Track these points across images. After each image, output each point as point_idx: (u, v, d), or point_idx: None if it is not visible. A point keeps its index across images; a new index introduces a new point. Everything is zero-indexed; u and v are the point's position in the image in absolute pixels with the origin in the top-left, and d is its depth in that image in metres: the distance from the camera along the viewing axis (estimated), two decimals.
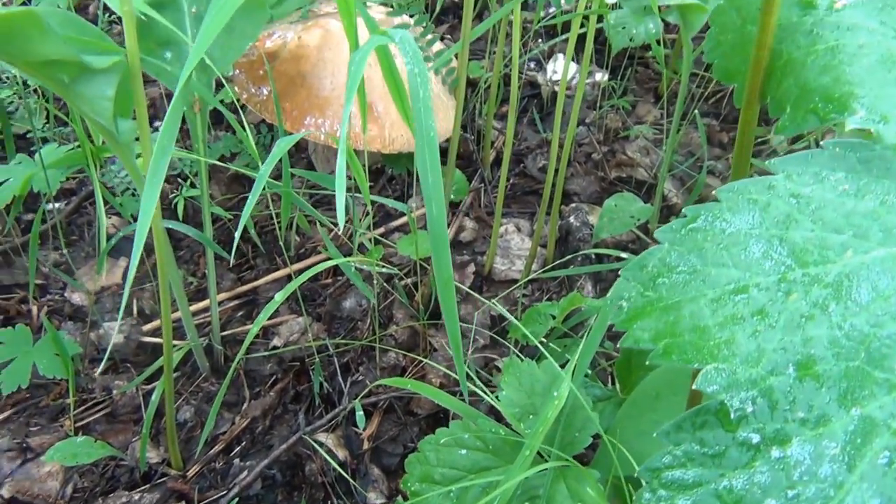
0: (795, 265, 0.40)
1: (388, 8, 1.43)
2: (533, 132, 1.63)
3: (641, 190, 1.50)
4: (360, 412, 1.01)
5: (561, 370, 0.83)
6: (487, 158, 1.51)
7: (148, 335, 1.25)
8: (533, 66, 1.79)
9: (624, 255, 1.16)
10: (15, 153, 1.31)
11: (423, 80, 0.60)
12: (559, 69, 1.74)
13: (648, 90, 1.73)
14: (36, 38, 0.74)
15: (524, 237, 1.40)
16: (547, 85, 1.71)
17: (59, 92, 0.84)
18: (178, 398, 1.17)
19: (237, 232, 0.74)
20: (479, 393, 0.91)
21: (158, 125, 1.53)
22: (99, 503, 1.03)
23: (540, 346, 0.88)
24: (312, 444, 1.08)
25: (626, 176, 1.52)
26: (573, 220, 1.39)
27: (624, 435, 0.81)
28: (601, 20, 1.58)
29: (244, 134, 0.98)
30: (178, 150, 1.41)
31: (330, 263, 0.98)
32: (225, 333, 1.25)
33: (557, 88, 1.69)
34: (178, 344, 1.18)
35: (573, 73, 1.70)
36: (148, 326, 1.26)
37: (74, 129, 1.06)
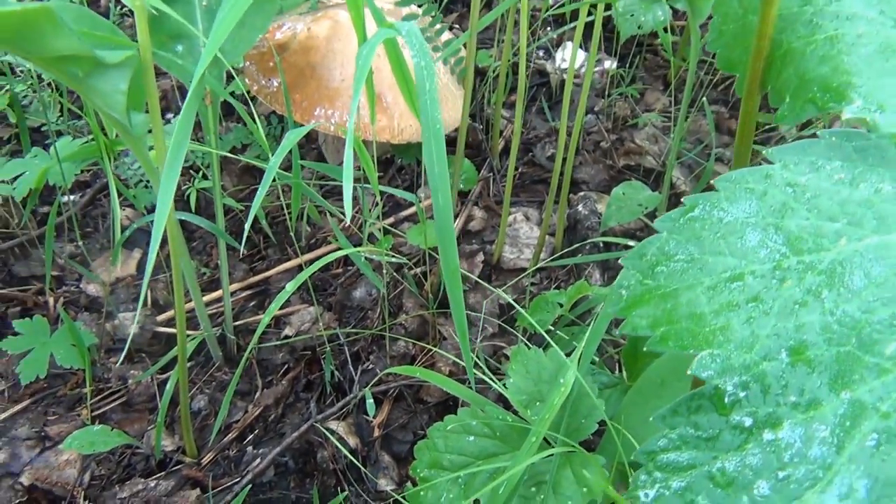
0: (790, 253, 0.41)
1: None
2: (542, 121, 1.63)
3: (650, 178, 1.51)
4: (370, 400, 1.02)
5: (567, 358, 0.84)
6: (496, 147, 1.52)
7: (162, 325, 1.27)
8: (542, 54, 1.80)
9: (632, 243, 1.16)
10: (30, 146, 1.33)
11: (429, 72, 0.61)
12: (568, 57, 1.74)
13: (657, 78, 1.73)
14: (50, 33, 0.75)
15: (533, 226, 1.41)
16: (556, 73, 1.72)
17: (72, 86, 0.86)
18: (192, 387, 1.19)
19: (247, 223, 0.76)
20: (487, 381, 0.92)
21: (170, 117, 1.55)
22: (115, 490, 1.05)
23: (546, 335, 0.89)
24: (324, 431, 1.09)
25: (634, 164, 1.53)
26: (581, 208, 1.39)
27: (629, 421, 0.82)
28: (609, 8, 1.58)
29: (254, 126, 0.99)
30: (190, 142, 1.42)
31: (340, 253, 0.99)
32: (238, 323, 1.26)
33: (566, 76, 1.69)
34: (191, 334, 1.19)
35: (581, 60, 1.70)
36: (162, 317, 1.28)
37: (88, 122, 1.08)
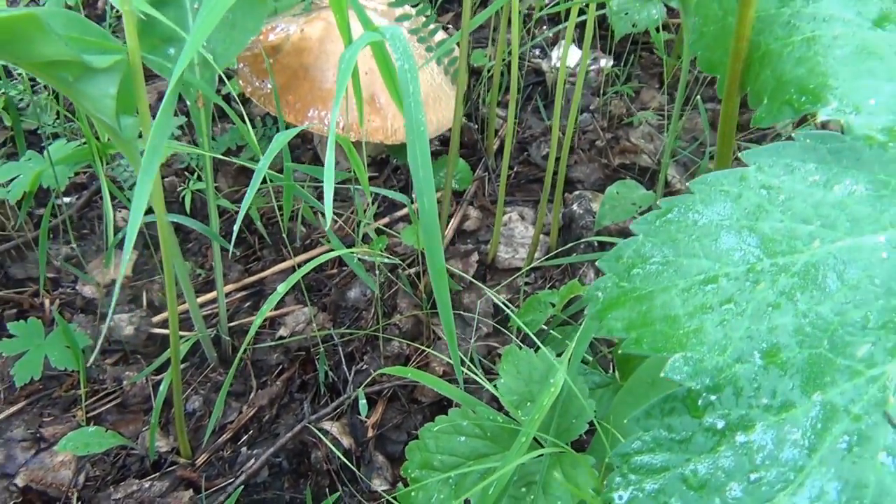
0: (764, 255, 0.41)
1: None
2: (537, 120, 1.63)
3: (645, 176, 1.51)
4: (363, 400, 1.03)
5: (557, 358, 0.85)
6: (491, 147, 1.52)
7: (157, 327, 1.27)
8: (538, 53, 1.80)
9: None
10: (26, 149, 1.34)
11: (412, 75, 0.61)
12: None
13: (653, 76, 1.73)
14: (38, 39, 0.75)
15: (528, 225, 1.41)
16: (551, 72, 1.72)
17: (63, 90, 0.86)
18: (186, 388, 1.19)
19: (236, 224, 0.76)
20: (480, 381, 0.92)
21: None
22: (110, 491, 1.05)
23: (534, 336, 0.89)
24: (317, 432, 1.10)
25: (629, 163, 1.53)
26: (576, 207, 1.39)
27: (618, 421, 0.82)
28: (603, 7, 1.58)
29: (245, 128, 0.99)
30: (183, 144, 1.43)
31: (333, 254, 1.00)
32: (232, 324, 1.27)
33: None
34: (185, 335, 1.20)
35: (577, 59, 1.70)
36: (157, 318, 1.28)
37: (80, 125, 1.08)
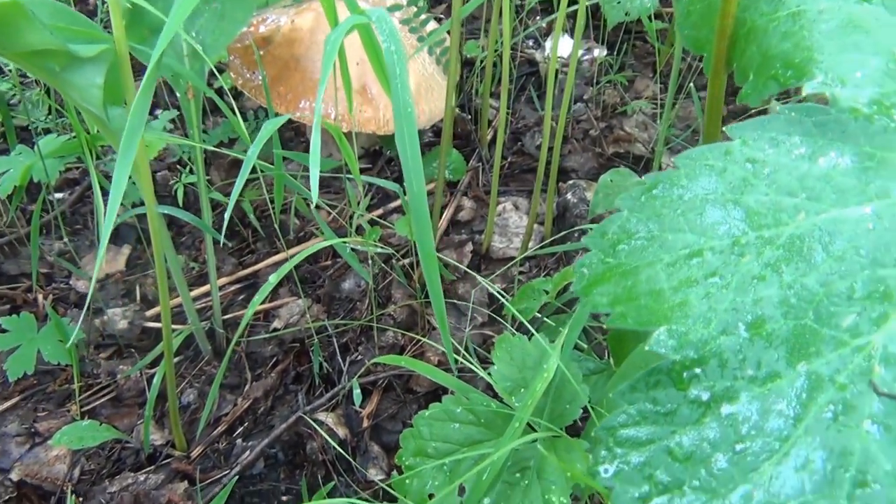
0: (749, 228, 0.41)
1: None
2: (531, 110, 1.63)
3: (639, 165, 1.50)
4: (357, 390, 1.02)
5: (551, 344, 0.84)
6: (485, 137, 1.52)
7: (151, 320, 1.27)
8: (531, 44, 1.79)
9: None
10: (16, 145, 1.33)
11: (399, 57, 0.61)
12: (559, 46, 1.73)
13: (647, 65, 1.73)
14: (23, 28, 0.75)
15: (522, 215, 1.41)
16: (545, 63, 1.71)
17: (49, 81, 0.86)
18: (181, 382, 1.19)
19: (227, 212, 0.76)
20: (474, 369, 0.92)
21: (158, 113, 1.55)
22: (105, 485, 1.05)
23: (527, 323, 0.89)
24: (313, 423, 1.09)
25: (623, 151, 1.52)
26: (570, 196, 1.39)
27: (612, 406, 0.82)
28: None
29: (234, 119, 0.99)
30: (175, 136, 1.42)
31: (325, 244, 0.99)
32: (227, 317, 1.26)
33: (556, 65, 1.68)
34: (179, 328, 1.20)
35: (570, 49, 1.69)
36: (151, 312, 1.28)
37: (69, 118, 1.08)
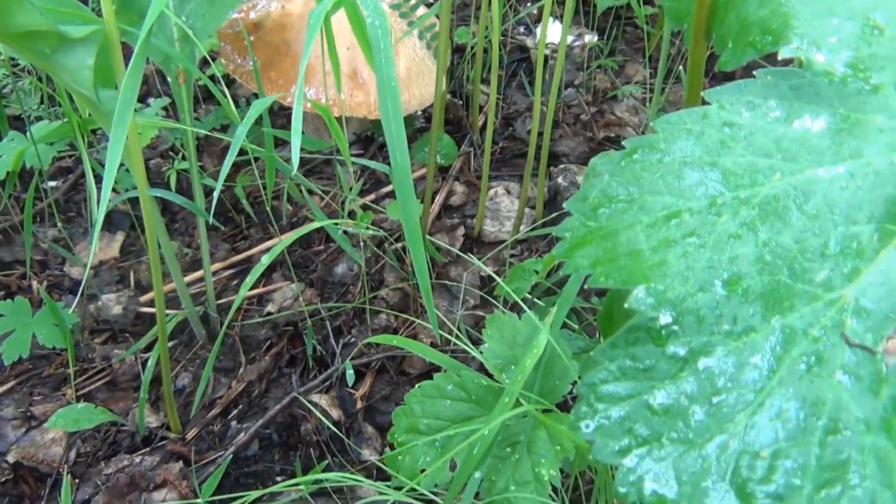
0: (726, 189, 0.42)
1: None
2: (522, 96, 1.63)
3: None
4: (350, 370, 1.03)
5: (540, 322, 0.85)
6: (476, 123, 1.53)
7: (145, 306, 1.27)
8: (522, 30, 1.80)
9: None
10: (9, 132, 1.34)
11: (383, 31, 0.62)
12: (549, 32, 1.74)
13: (637, 50, 1.73)
14: (13, 9, 0.76)
15: (514, 199, 1.42)
16: (535, 49, 1.72)
17: (40, 64, 0.86)
18: (176, 365, 1.19)
19: (216, 191, 0.76)
20: (468, 350, 0.93)
21: (150, 101, 1.55)
22: (101, 466, 1.06)
23: (520, 301, 0.90)
24: (307, 404, 1.10)
25: (614, 136, 1.53)
26: (561, 180, 1.40)
27: (593, 364, 0.82)
28: None
29: (226, 103, 1.00)
30: (168, 122, 1.43)
31: (315, 225, 1.00)
32: (221, 302, 1.27)
33: (546, 51, 1.69)
34: (174, 313, 1.20)
35: (560, 34, 1.70)
36: (145, 297, 1.28)
37: (61, 102, 1.08)
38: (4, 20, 0.75)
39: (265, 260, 0.95)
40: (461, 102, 1.57)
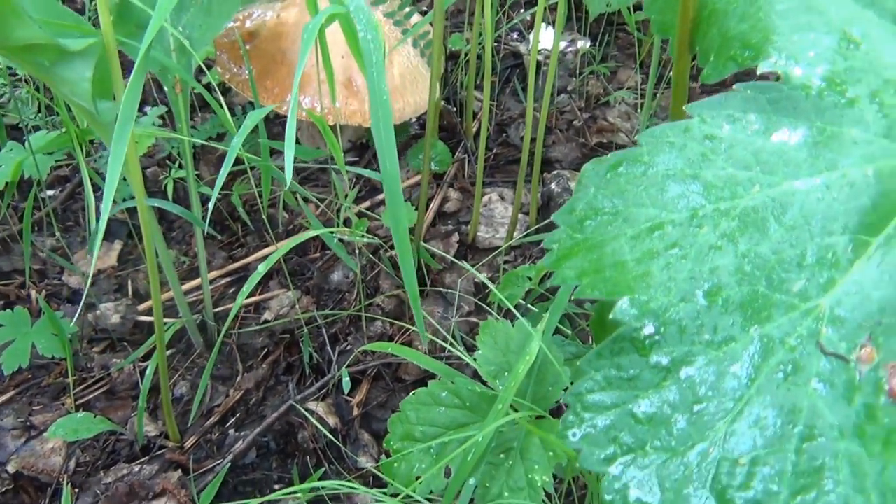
0: (707, 201, 0.43)
1: None
2: (515, 102, 1.65)
3: None
4: (346, 378, 1.04)
5: (533, 328, 0.86)
6: (470, 129, 1.54)
7: (143, 314, 1.28)
8: (516, 36, 1.81)
9: None
10: (6, 142, 1.35)
11: (376, 45, 0.63)
12: (542, 39, 1.75)
13: (630, 56, 1.75)
14: (13, 23, 0.77)
15: (508, 205, 1.43)
16: (529, 55, 1.73)
17: (40, 76, 0.87)
18: (174, 374, 1.20)
19: (212, 199, 0.77)
20: (462, 357, 0.94)
21: (147, 110, 1.56)
22: (101, 476, 1.07)
23: (513, 308, 0.91)
24: (304, 412, 1.11)
25: (606, 141, 1.54)
26: (554, 186, 1.41)
27: (580, 374, 0.83)
28: None
29: (222, 112, 1.01)
30: (164, 131, 1.44)
31: (313, 233, 1.01)
32: (218, 310, 1.28)
33: (540, 58, 1.70)
34: (171, 322, 1.21)
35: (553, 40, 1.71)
36: (143, 306, 1.29)
37: (59, 113, 1.09)
38: (4, 34, 0.76)
39: (262, 268, 0.96)
40: (455, 109, 1.58)
